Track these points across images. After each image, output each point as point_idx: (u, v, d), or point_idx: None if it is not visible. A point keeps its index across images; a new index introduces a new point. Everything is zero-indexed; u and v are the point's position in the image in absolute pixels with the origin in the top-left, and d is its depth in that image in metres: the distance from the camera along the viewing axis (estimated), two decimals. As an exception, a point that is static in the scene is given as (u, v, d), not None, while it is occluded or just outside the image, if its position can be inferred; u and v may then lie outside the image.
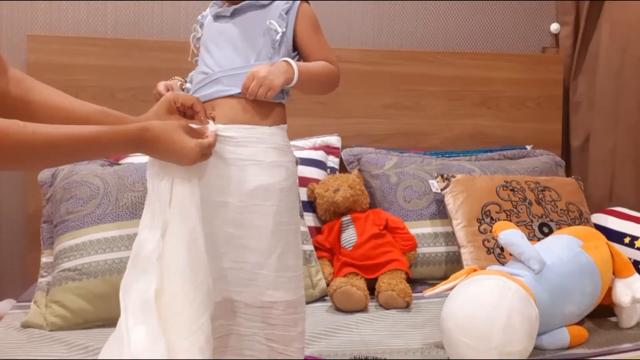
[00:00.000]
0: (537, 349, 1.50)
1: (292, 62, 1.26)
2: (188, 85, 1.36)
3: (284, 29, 1.28)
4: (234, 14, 1.31)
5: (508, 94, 2.57)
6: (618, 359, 1.51)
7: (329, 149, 2.31)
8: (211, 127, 1.20)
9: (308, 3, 1.34)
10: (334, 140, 2.34)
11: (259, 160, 1.24)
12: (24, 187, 2.19)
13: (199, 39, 1.37)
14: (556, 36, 2.69)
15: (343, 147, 2.35)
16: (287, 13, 1.30)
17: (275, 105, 1.29)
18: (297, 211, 1.33)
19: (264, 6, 1.30)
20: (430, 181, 2.19)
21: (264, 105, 1.26)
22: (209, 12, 1.38)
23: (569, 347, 1.55)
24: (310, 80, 1.30)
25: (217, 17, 1.34)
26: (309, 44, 1.32)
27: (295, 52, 1.33)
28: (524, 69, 2.58)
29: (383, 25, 2.53)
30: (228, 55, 1.29)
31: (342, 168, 2.32)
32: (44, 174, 1.94)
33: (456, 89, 2.51)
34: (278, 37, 1.27)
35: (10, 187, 2.24)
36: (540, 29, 2.69)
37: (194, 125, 1.16)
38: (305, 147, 2.27)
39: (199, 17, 1.39)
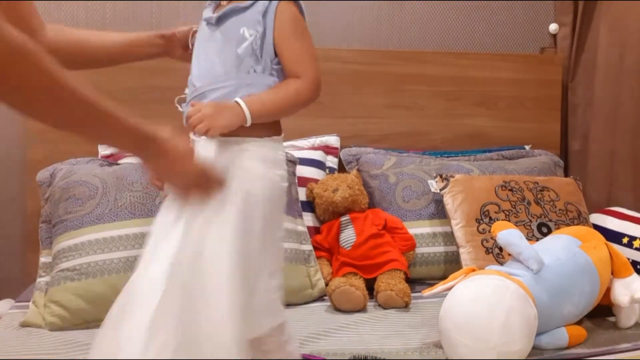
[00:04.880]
0: (535, 348, 1.50)
1: (242, 103, 1.18)
2: (187, 91, 1.31)
3: (256, 34, 1.20)
4: (219, 21, 1.24)
5: (507, 94, 2.57)
6: (617, 359, 1.51)
7: (327, 149, 2.31)
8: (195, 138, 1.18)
9: (291, 1, 1.23)
10: (333, 140, 2.34)
11: (243, 172, 1.18)
12: (23, 187, 2.19)
13: (195, 31, 1.32)
14: (555, 36, 2.69)
15: (342, 147, 2.35)
16: (264, 16, 1.21)
17: None
18: (280, 227, 1.29)
19: (245, 9, 1.22)
20: (429, 181, 2.19)
21: None
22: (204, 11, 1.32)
23: (568, 347, 1.55)
24: (269, 115, 1.23)
25: (207, 22, 1.28)
26: (285, 52, 1.22)
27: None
28: (523, 69, 2.58)
29: (382, 26, 2.53)
30: (211, 67, 1.23)
31: (341, 168, 2.32)
32: (43, 174, 1.94)
33: (455, 89, 2.51)
34: (254, 45, 1.20)
35: (9, 186, 2.24)
36: (538, 29, 2.69)
37: None
38: (304, 147, 2.27)
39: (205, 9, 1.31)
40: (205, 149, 1.16)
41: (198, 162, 1.08)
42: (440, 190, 2.11)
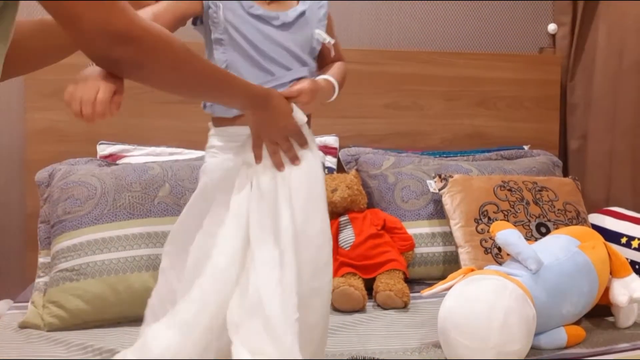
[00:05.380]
0: (534, 348, 1.50)
1: (333, 80, 1.33)
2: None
3: (330, 39, 1.33)
4: (287, 24, 1.29)
5: (506, 94, 2.57)
6: (615, 358, 1.51)
7: (326, 149, 2.31)
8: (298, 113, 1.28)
9: None
10: (332, 140, 2.34)
11: (313, 157, 1.32)
12: (23, 187, 2.19)
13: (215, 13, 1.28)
14: (553, 36, 2.69)
15: (341, 147, 2.35)
16: (325, 16, 1.35)
17: None
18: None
19: (304, 13, 1.31)
20: (428, 181, 2.19)
21: None
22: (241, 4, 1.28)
23: (567, 347, 1.55)
24: (339, 91, 1.38)
25: (263, 19, 1.28)
26: (332, 47, 1.37)
27: None
28: (522, 69, 2.58)
29: (381, 26, 2.53)
30: (284, 61, 1.29)
31: (340, 168, 2.32)
32: (42, 174, 1.94)
33: (454, 89, 2.51)
34: (319, 47, 1.33)
35: (9, 186, 2.24)
36: (537, 29, 2.69)
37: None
38: (303, 147, 2.27)
39: None
40: None
41: (294, 121, 1.26)
42: (439, 190, 2.11)
